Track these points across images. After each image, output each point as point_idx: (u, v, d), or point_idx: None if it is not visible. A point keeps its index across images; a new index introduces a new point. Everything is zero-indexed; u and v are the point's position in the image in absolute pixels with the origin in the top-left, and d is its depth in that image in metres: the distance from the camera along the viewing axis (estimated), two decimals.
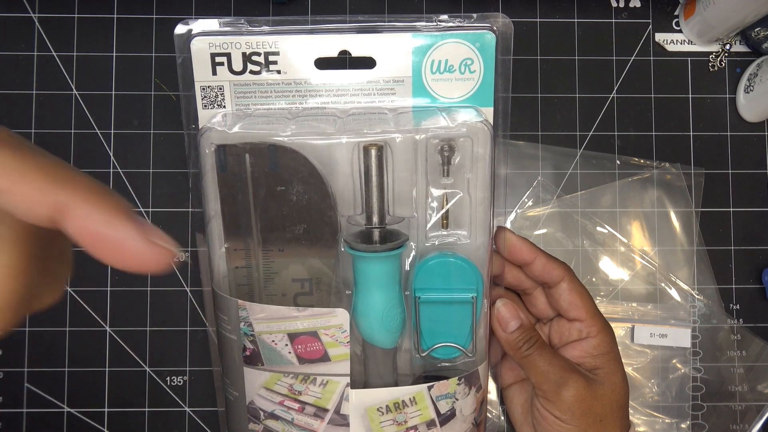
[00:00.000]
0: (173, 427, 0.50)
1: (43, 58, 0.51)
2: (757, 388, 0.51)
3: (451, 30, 0.38)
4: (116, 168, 0.51)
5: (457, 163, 0.39)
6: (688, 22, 0.52)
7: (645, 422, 0.50)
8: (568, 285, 0.42)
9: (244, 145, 0.37)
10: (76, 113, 0.51)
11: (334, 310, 0.37)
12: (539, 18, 0.53)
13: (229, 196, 0.38)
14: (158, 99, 0.51)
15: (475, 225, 0.40)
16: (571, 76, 0.53)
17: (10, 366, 0.50)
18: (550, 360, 0.41)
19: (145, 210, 0.51)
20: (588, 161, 0.52)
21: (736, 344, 0.51)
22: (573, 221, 0.52)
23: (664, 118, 0.53)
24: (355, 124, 0.38)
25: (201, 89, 0.39)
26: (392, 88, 0.40)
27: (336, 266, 0.40)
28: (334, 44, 0.39)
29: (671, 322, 0.51)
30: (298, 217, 0.38)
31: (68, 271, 0.23)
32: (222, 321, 0.39)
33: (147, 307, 0.50)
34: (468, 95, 0.39)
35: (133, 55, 0.51)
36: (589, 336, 0.42)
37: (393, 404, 0.38)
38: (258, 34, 0.39)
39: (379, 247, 0.37)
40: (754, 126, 0.53)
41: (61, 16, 0.51)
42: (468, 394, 0.40)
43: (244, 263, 0.40)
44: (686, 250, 0.52)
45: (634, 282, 0.51)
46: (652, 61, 0.53)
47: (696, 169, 0.52)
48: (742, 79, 0.52)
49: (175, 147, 0.51)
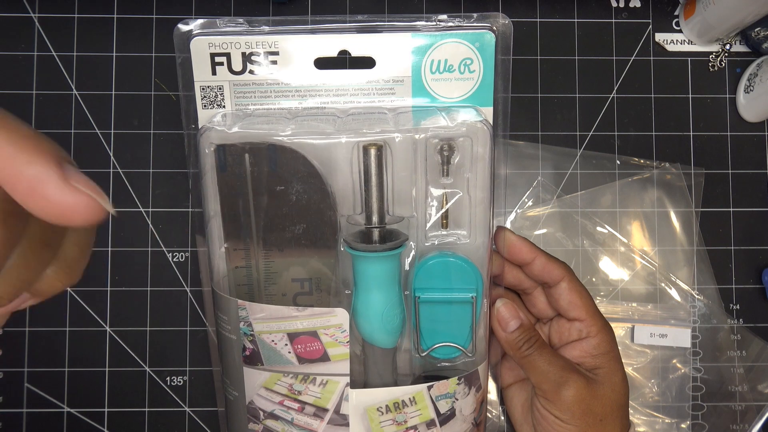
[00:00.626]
0: (173, 427, 0.50)
1: (43, 58, 0.51)
2: (757, 388, 0.51)
3: (451, 30, 0.38)
4: (116, 168, 0.51)
5: (456, 163, 0.39)
6: (688, 22, 0.52)
7: (645, 422, 0.50)
8: (567, 284, 0.42)
9: (244, 145, 0.37)
10: (76, 113, 0.51)
11: (333, 309, 0.36)
12: (539, 18, 0.53)
13: (228, 196, 0.38)
14: (158, 99, 0.51)
15: (474, 225, 0.40)
16: (571, 76, 0.53)
17: (10, 366, 0.50)
18: (550, 360, 0.41)
19: (145, 210, 0.51)
20: (588, 161, 0.52)
21: (736, 344, 0.51)
22: (573, 221, 0.52)
23: (664, 118, 0.53)
24: (354, 123, 0.38)
25: (201, 89, 0.39)
26: (392, 88, 0.40)
27: (336, 266, 0.40)
28: (334, 44, 0.39)
29: (671, 322, 0.51)
30: (297, 216, 0.38)
31: (83, 256, 0.22)
32: (222, 321, 0.39)
33: (147, 307, 0.51)
34: (467, 95, 0.39)
35: (133, 55, 0.51)
36: (589, 336, 0.42)
37: (393, 404, 0.38)
38: (258, 34, 0.39)
39: (379, 246, 0.37)
40: (754, 126, 0.53)
41: (61, 16, 0.51)
42: (468, 394, 0.40)
43: (243, 263, 0.40)
44: (686, 250, 0.52)
45: (634, 282, 0.51)
46: (652, 61, 0.53)
47: (696, 169, 0.52)
48: (742, 79, 0.52)
49: (175, 147, 0.51)
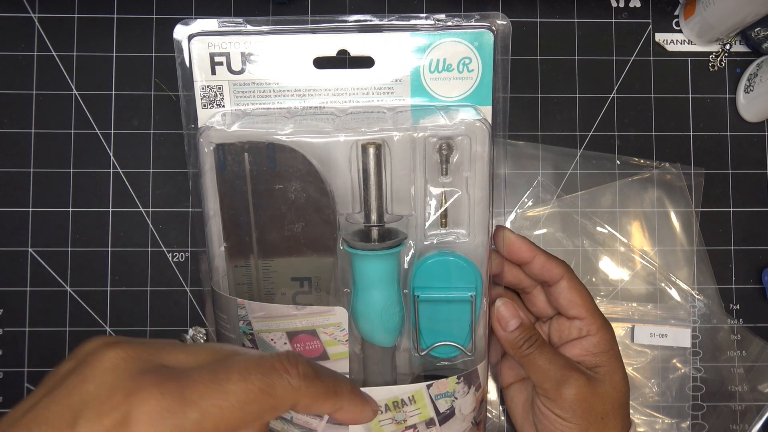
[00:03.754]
0: None
1: (43, 58, 0.51)
2: (757, 388, 0.51)
3: (450, 29, 0.39)
4: (116, 168, 0.51)
5: (455, 162, 0.39)
6: (688, 22, 0.52)
7: (645, 422, 0.50)
8: (567, 283, 0.42)
9: (243, 144, 0.37)
10: (76, 113, 0.51)
11: (332, 308, 0.37)
12: (539, 18, 0.53)
13: (228, 195, 0.38)
14: (158, 99, 0.51)
15: (473, 224, 0.40)
16: (571, 76, 0.53)
17: (10, 366, 0.50)
18: (551, 358, 0.41)
19: (145, 210, 0.51)
20: (588, 161, 0.52)
21: (736, 344, 0.51)
22: (573, 221, 0.52)
23: (664, 118, 0.53)
24: (353, 122, 0.38)
25: (200, 89, 0.39)
26: (391, 88, 0.40)
27: (335, 265, 0.40)
28: (333, 44, 0.39)
29: (671, 322, 0.51)
30: (296, 215, 0.38)
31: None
32: (221, 320, 0.39)
33: (147, 307, 0.51)
34: (466, 94, 0.39)
35: (133, 55, 0.51)
36: (589, 334, 0.42)
37: (392, 403, 0.38)
38: (257, 34, 0.39)
39: (378, 245, 0.37)
40: (754, 126, 0.53)
41: (61, 16, 0.51)
42: (467, 393, 0.40)
43: (243, 262, 0.40)
44: (686, 250, 0.52)
45: (634, 282, 0.51)
46: (652, 61, 0.53)
47: (696, 169, 0.52)
48: (742, 79, 0.52)
49: (175, 147, 0.51)
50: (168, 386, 0.24)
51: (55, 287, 0.50)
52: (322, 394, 0.27)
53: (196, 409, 0.24)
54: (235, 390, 0.25)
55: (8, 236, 0.50)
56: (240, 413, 0.25)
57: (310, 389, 0.27)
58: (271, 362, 0.26)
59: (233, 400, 0.25)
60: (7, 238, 0.50)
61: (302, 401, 0.27)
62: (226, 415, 0.24)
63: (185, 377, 0.25)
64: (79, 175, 0.51)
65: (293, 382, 0.26)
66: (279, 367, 0.26)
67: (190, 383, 0.25)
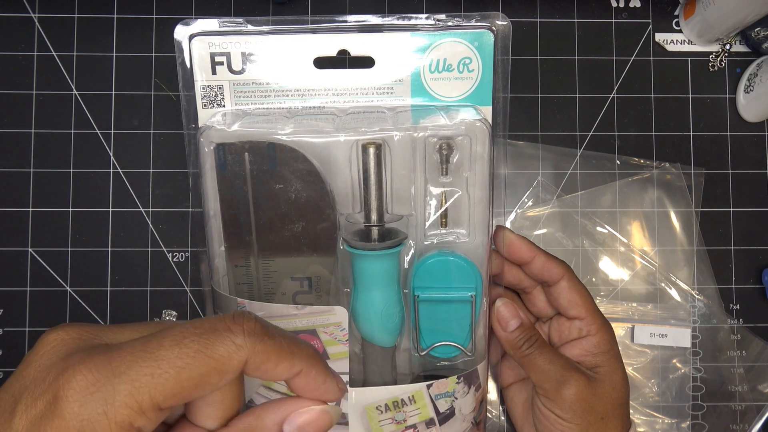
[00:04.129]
0: None
1: (43, 58, 0.51)
2: (757, 388, 0.51)
3: (450, 29, 0.39)
4: (116, 168, 0.51)
5: (455, 162, 0.39)
6: (688, 22, 0.52)
7: (645, 422, 0.50)
8: (567, 283, 0.42)
9: (244, 144, 0.37)
10: (76, 113, 0.51)
11: (332, 308, 0.36)
12: (539, 18, 0.53)
13: (228, 195, 0.38)
14: (158, 99, 0.51)
15: (474, 224, 0.40)
16: (571, 76, 0.53)
17: (10, 366, 0.50)
18: (551, 359, 0.41)
19: (145, 210, 0.51)
20: (588, 161, 0.52)
21: (736, 344, 0.51)
22: (573, 221, 0.52)
23: (664, 118, 0.53)
24: (353, 122, 0.38)
25: (201, 89, 0.39)
26: (391, 88, 0.40)
27: (335, 264, 0.40)
28: (333, 44, 0.39)
29: (671, 322, 0.51)
30: (297, 215, 0.38)
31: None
32: None
33: (147, 306, 0.51)
34: (466, 94, 0.39)
35: (133, 55, 0.51)
36: (589, 334, 0.42)
37: (392, 403, 0.38)
38: (257, 34, 0.39)
39: (378, 245, 0.37)
40: (754, 126, 0.53)
41: (61, 16, 0.51)
42: (467, 393, 0.40)
43: (243, 262, 0.40)
44: (686, 250, 0.52)
45: (634, 282, 0.51)
46: (652, 61, 0.53)
47: (696, 169, 0.52)
48: (742, 79, 0.52)
49: (175, 147, 0.51)
50: (95, 360, 0.23)
51: (55, 287, 0.50)
52: (274, 352, 0.25)
53: (125, 379, 0.23)
54: (167, 355, 0.23)
55: (8, 236, 0.50)
56: (176, 379, 0.23)
57: (257, 346, 0.25)
58: (211, 323, 0.25)
59: (166, 367, 0.23)
60: (7, 238, 0.50)
61: (251, 360, 0.25)
62: (161, 383, 0.23)
63: (116, 350, 0.24)
64: (79, 175, 0.51)
65: (236, 339, 0.24)
66: (221, 327, 0.24)
67: (119, 354, 0.23)
